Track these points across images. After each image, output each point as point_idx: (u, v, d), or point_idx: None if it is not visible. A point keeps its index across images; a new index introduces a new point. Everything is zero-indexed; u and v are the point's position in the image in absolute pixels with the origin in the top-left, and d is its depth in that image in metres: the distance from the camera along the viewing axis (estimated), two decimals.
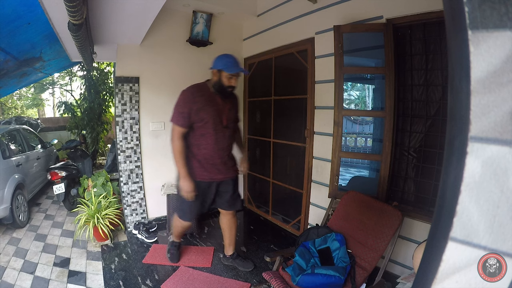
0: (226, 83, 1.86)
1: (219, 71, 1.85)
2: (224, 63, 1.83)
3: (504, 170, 0.36)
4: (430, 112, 1.93)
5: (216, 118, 1.89)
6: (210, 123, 1.87)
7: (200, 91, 1.88)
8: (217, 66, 1.85)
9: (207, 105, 1.87)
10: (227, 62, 1.83)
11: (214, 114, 1.88)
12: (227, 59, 1.84)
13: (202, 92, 1.89)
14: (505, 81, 0.35)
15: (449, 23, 0.39)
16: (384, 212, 1.77)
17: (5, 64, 3.18)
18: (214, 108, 1.89)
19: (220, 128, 1.92)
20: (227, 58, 1.84)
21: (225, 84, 1.86)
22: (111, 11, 1.91)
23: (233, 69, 1.82)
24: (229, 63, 1.82)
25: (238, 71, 1.85)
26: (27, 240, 3.00)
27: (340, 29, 2.08)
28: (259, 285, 1.90)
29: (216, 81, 1.88)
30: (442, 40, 1.81)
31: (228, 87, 1.87)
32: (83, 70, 6.12)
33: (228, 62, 1.82)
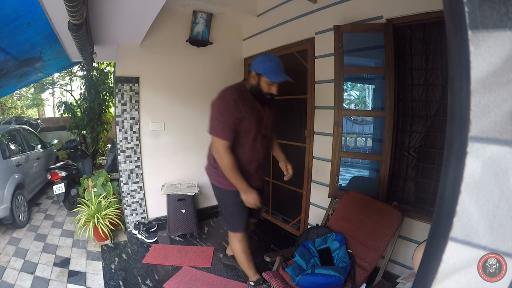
0: (266, 90, 1.64)
1: (259, 75, 1.61)
2: (266, 68, 1.58)
3: (504, 170, 0.36)
4: (430, 112, 1.93)
5: (258, 127, 1.70)
6: (252, 133, 1.68)
7: (243, 97, 1.65)
8: (257, 69, 1.62)
9: (250, 114, 1.65)
10: (269, 67, 1.58)
11: (256, 123, 1.69)
12: (270, 63, 1.59)
13: (244, 98, 1.66)
14: (505, 81, 0.35)
15: (449, 23, 0.39)
16: (384, 212, 1.77)
17: (5, 64, 3.18)
18: (256, 117, 1.68)
19: (259, 138, 1.74)
20: (270, 62, 1.59)
21: (264, 91, 1.64)
22: (111, 11, 1.91)
23: (276, 77, 1.59)
24: (271, 69, 1.58)
25: (281, 80, 1.62)
26: (27, 240, 3.00)
27: (340, 29, 2.08)
28: (259, 285, 1.90)
29: (254, 85, 1.66)
30: (442, 40, 1.81)
31: (267, 93, 1.65)
32: (83, 70, 6.12)
33: (271, 67, 1.58)
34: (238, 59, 3.59)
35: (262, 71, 1.59)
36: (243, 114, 1.62)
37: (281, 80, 1.61)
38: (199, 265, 2.37)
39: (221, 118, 1.61)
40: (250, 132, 1.67)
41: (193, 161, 3.35)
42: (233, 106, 1.59)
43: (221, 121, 1.60)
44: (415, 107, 2.00)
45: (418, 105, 1.98)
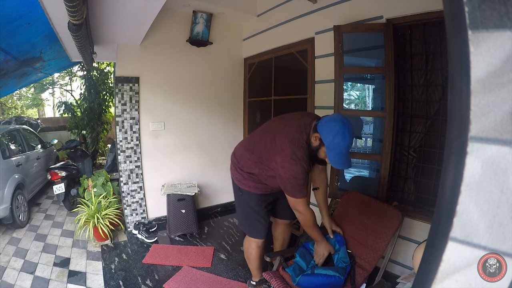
0: (321, 157, 1.49)
1: (321, 142, 1.42)
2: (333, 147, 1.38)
3: (504, 170, 0.36)
4: (430, 112, 1.93)
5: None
6: None
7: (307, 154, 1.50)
8: (323, 136, 1.41)
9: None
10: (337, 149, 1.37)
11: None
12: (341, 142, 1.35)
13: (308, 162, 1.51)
14: (505, 81, 0.35)
15: (449, 23, 0.39)
16: (384, 212, 1.77)
17: (5, 64, 3.18)
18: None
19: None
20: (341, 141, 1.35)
21: (319, 157, 1.49)
22: (111, 11, 1.91)
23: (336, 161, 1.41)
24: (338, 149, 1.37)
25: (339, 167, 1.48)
26: (27, 240, 3.00)
27: (340, 29, 2.08)
28: (259, 285, 1.90)
29: (313, 147, 1.48)
30: (442, 40, 1.81)
31: (321, 160, 1.51)
32: (83, 70, 6.12)
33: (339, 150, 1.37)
34: (238, 59, 3.59)
35: (327, 144, 1.39)
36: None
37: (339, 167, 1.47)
38: (199, 265, 2.37)
39: (298, 182, 1.49)
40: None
41: (193, 161, 3.35)
42: (306, 169, 1.49)
43: (298, 184, 1.50)
44: (415, 107, 2.00)
45: (418, 105, 1.98)
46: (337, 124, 1.38)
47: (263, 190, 1.74)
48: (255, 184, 1.72)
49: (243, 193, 1.79)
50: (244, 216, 1.87)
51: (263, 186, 1.72)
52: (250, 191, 1.74)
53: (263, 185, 1.71)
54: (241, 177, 1.76)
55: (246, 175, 1.72)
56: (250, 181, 1.72)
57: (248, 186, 1.74)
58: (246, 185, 1.74)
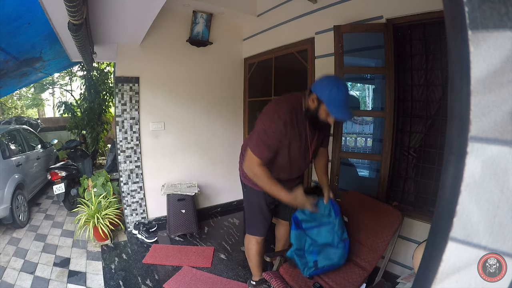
0: (323, 118, 1.44)
1: (320, 101, 1.40)
2: (331, 98, 1.37)
3: (504, 170, 0.36)
4: (430, 112, 1.93)
5: (301, 153, 1.57)
6: (293, 159, 1.57)
7: (293, 120, 1.49)
8: (320, 94, 1.40)
9: (296, 141, 1.52)
10: (335, 97, 1.36)
11: (301, 150, 1.56)
12: (337, 92, 1.36)
13: (295, 120, 1.49)
14: (505, 81, 0.35)
15: (449, 23, 0.39)
16: (384, 212, 1.77)
17: (5, 64, 3.18)
18: (303, 143, 1.55)
19: (301, 162, 1.61)
20: (337, 92, 1.36)
21: (320, 118, 1.44)
22: (111, 11, 1.91)
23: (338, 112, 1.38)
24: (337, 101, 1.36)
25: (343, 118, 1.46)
26: (27, 240, 3.00)
27: (340, 29, 2.08)
28: (259, 285, 1.90)
29: (312, 110, 1.46)
30: (442, 40, 1.81)
31: (323, 122, 1.46)
32: (83, 70, 6.12)
33: (337, 99, 1.36)
34: (238, 59, 3.59)
35: (325, 99, 1.38)
36: (288, 139, 1.49)
37: (343, 118, 1.44)
38: (199, 265, 2.37)
39: (264, 138, 1.47)
40: (292, 158, 1.56)
41: (193, 161, 3.35)
42: (282, 130, 1.45)
43: (262, 141, 1.47)
44: (415, 107, 2.00)
45: (418, 105, 1.98)
46: (330, 79, 1.42)
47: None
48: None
49: (246, 189, 1.81)
50: (247, 211, 1.89)
51: None
52: (253, 187, 1.73)
53: None
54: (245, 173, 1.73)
55: None
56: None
57: (251, 182, 1.72)
58: (250, 181, 1.73)
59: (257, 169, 1.50)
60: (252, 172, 1.54)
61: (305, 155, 1.61)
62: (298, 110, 1.51)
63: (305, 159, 1.63)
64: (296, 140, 1.53)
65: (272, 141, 1.46)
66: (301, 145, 1.56)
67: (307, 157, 1.63)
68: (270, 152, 1.49)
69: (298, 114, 1.51)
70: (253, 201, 1.80)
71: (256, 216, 1.80)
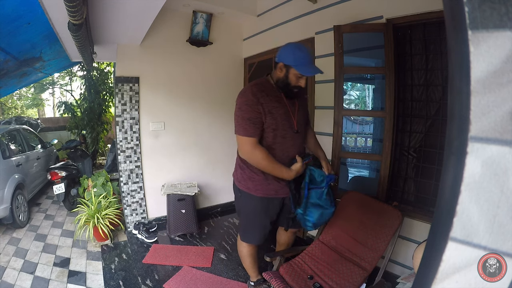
0: (294, 83, 1.47)
1: (287, 66, 1.44)
2: (297, 59, 1.41)
3: (504, 170, 0.36)
4: (430, 112, 1.93)
5: (286, 123, 1.53)
6: (279, 130, 1.51)
7: (263, 90, 1.50)
8: (285, 60, 1.44)
9: (275, 108, 1.49)
10: (300, 58, 1.41)
11: (283, 118, 1.52)
12: (301, 53, 1.41)
13: (266, 91, 1.50)
14: (505, 81, 0.35)
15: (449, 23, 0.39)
16: (384, 212, 1.77)
17: (5, 64, 3.18)
18: (283, 111, 1.52)
19: (291, 135, 1.56)
20: (300, 53, 1.42)
21: (292, 83, 1.47)
22: (111, 11, 1.91)
23: (307, 69, 1.43)
24: (303, 60, 1.41)
25: (313, 74, 1.48)
26: (27, 240, 3.00)
27: (340, 29, 2.08)
28: (259, 285, 1.90)
29: (281, 78, 1.49)
30: (442, 40, 1.81)
31: (295, 87, 1.49)
32: (83, 70, 6.12)
33: (302, 59, 1.41)
34: (238, 59, 3.59)
35: (292, 62, 1.42)
36: (265, 108, 1.46)
37: (313, 73, 1.46)
38: (199, 265, 2.37)
39: (241, 113, 1.48)
40: (277, 128, 1.51)
41: (193, 161, 3.35)
42: (252, 99, 1.45)
43: (241, 117, 1.47)
44: (415, 107, 2.00)
45: (418, 105, 1.98)
46: (290, 44, 1.47)
47: (264, 192, 1.60)
48: (255, 186, 1.61)
49: (241, 195, 1.70)
50: (243, 218, 1.80)
51: (263, 186, 1.60)
52: (250, 193, 1.63)
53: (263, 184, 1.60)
54: (241, 177, 1.67)
55: (247, 172, 1.63)
56: (249, 181, 1.62)
57: (247, 187, 1.64)
58: (245, 186, 1.65)
59: (253, 151, 1.47)
60: (250, 156, 1.50)
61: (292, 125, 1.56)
62: (265, 84, 1.55)
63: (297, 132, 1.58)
64: (276, 107, 1.50)
65: (250, 114, 1.45)
66: (284, 112, 1.53)
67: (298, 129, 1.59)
68: (254, 126, 1.45)
69: (266, 86, 1.54)
70: (249, 207, 1.69)
71: (252, 223, 1.71)
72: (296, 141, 1.59)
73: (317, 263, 1.81)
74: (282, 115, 1.51)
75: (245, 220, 1.76)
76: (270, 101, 1.48)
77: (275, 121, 1.49)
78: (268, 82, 1.56)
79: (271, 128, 1.50)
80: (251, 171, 1.61)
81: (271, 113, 1.48)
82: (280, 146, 1.54)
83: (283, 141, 1.54)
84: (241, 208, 1.77)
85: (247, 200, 1.67)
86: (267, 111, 1.47)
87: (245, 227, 1.78)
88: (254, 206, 1.65)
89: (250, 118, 1.45)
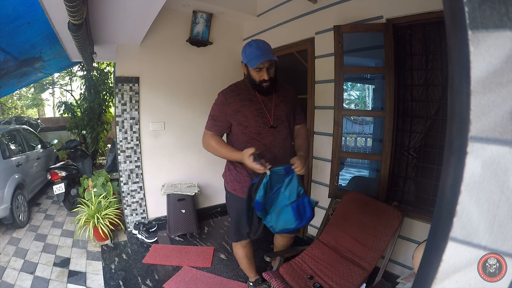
0: (257, 78, 1.50)
1: (246, 65, 1.52)
2: (247, 56, 1.47)
3: (504, 170, 0.36)
4: (430, 112, 1.93)
5: (259, 119, 1.54)
6: (252, 127, 1.53)
7: (235, 91, 1.58)
8: (243, 59, 1.52)
9: (244, 106, 1.54)
10: (249, 53, 1.46)
11: (255, 115, 1.53)
12: (250, 49, 1.47)
13: (238, 91, 1.58)
14: (505, 81, 0.34)
15: (449, 23, 0.39)
16: (384, 212, 1.77)
17: (5, 64, 3.18)
18: (254, 108, 1.54)
19: (268, 131, 1.54)
20: (249, 48, 1.47)
21: (256, 80, 1.51)
22: (111, 11, 1.91)
23: (255, 61, 1.44)
24: (251, 55, 1.45)
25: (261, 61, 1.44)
26: (27, 240, 2.99)
27: (340, 29, 2.08)
28: (259, 285, 1.90)
29: (248, 76, 1.56)
30: (442, 40, 1.81)
31: (261, 82, 1.50)
32: (83, 70, 6.12)
33: (250, 54, 1.46)
34: (238, 59, 3.56)
35: (245, 60, 1.50)
36: (233, 107, 1.53)
37: (260, 61, 1.43)
38: (199, 265, 2.37)
39: (210, 112, 1.64)
40: (248, 126, 1.53)
41: (193, 161, 3.35)
42: (222, 100, 1.58)
43: (210, 114, 1.63)
44: (415, 107, 2.00)
45: (418, 105, 1.98)
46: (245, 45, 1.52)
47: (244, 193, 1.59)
48: (242, 187, 1.60)
49: (229, 195, 1.73)
50: (230, 218, 1.82)
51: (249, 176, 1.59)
52: (237, 195, 1.64)
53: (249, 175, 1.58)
54: (229, 178, 1.70)
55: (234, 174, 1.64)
56: (236, 182, 1.64)
57: (233, 189, 1.66)
58: (232, 188, 1.67)
59: (207, 138, 1.61)
60: (205, 144, 1.64)
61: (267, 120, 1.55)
62: (239, 84, 1.63)
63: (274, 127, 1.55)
64: (246, 105, 1.55)
65: (214, 112, 1.60)
66: (256, 109, 1.55)
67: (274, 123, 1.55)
68: (214, 122, 1.60)
69: (240, 87, 1.61)
70: (233, 208, 1.72)
71: (236, 223, 1.72)
72: (277, 137, 1.56)
73: (317, 263, 1.81)
74: (253, 112, 1.54)
75: (232, 218, 1.78)
76: (239, 100, 1.55)
77: (246, 118, 1.54)
78: (243, 82, 1.64)
79: (243, 125, 1.55)
80: (238, 172, 1.63)
81: (240, 111, 1.54)
82: (257, 143, 1.53)
83: (259, 137, 1.54)
84: (229, 209, 1.79)
85: (234, 201, 1.69)
86: (235, 110, 1.54)
87: (232, 226, 1.78)
88: (241, 207, 1.58)
89: (213, 116, 1.61)
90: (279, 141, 1.58)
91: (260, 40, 1.50)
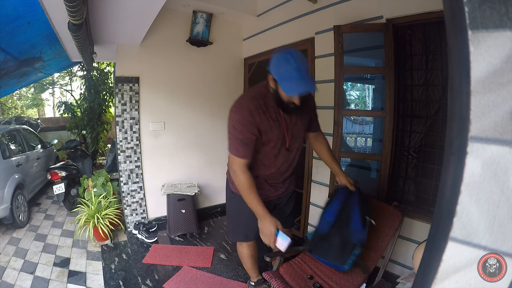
0: (286, 99, 1.27)
1: (276, 81, 1.26)
2: (281, 74, 1.21)
3: (504, 170, 0.36)
4: (430, 112, 1.93)
5: (279, 142, 1.43)
6: (271, 149, 1.43)
7: (261, 107, 1.35)
8: (273, 72, 1.25)
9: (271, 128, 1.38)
10: (285, 72, 1.19)
11: (278, 138, 1.41)
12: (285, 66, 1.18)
13: (265, 107, 1.36)
14: (505, 81, 0.34)
15: (449, 23, 0.39)
16: (384, 212, 1.77)
17: (5, 64, 3.18)
18: (279, 131, 1.40)
19: (283, 153, 1.47)
20: (285, 65, 1.19)
21: (284, 100, 1.28)
22: (111, 11, 1.91)
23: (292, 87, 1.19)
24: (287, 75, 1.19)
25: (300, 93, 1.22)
26: (27, 240, 2.99)
27: (340, 29, 2.08)
28: (259, 286, 1.90)
29: (274, 91, 1.31)
30: (442, 40, 1.81)
31: (289, 103, 1.29)
32: (83, 70, 6.12)
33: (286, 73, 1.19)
34: (238, 59, 3.59)
35: (277, 76, 1.23)
36: (261, 128, 1.34)
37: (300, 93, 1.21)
38: (199, 265, 2.37)
39: (234, 133, 1.34)
40: (268, 148, 1.42)
41: (193, 161, 3.35)
42: (249, 119, 1.32)
43: (234, 137, 1.35)
44: (415, 107, 2.00)
45: (418, 105, 1.98)
46: (279, 54, 1.23)
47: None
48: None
49: (234, 196, 1.67)
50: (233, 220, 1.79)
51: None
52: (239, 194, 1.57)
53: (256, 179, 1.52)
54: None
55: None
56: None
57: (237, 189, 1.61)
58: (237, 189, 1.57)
59: (241, 175, 1.38)
60: (234, 175, 1.42)
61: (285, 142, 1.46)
62: (264, 96, 1.37)
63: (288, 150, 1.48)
64: (272, 127, 1.38)
65: (243, 134, 1.33)
66: (280, 131, 1.40)
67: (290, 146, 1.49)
68: (246, 147, 1.35)
69: (265, 100, 1.36)
70: (238, 208, 1.65)
71: (244, 223, 1.68)
72: (288, 157, 1.52)
73: (317, 263, 1.81)
74: (278, 135, 1.41)
75: (238, 220, 1.73)
76: (266, 120, 1.36)
77: (268, 141, 1.41)
78: (266, 93, 1.38)
79: (264, 146, 1.43)
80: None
81: (266, 132, 1.38)
82: (270, 162, 1.49)
83: (274, 158, 1.48)
84: (232, 209, 1.75)
85: (238, 203, 1.61)
86: (262, 131, 1.37)
87: (238, 227, 1.76)
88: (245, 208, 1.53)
89: (243, 139, 1.34)
90: (290, 161, 1.55)
91: (298, 56, 1.20)
